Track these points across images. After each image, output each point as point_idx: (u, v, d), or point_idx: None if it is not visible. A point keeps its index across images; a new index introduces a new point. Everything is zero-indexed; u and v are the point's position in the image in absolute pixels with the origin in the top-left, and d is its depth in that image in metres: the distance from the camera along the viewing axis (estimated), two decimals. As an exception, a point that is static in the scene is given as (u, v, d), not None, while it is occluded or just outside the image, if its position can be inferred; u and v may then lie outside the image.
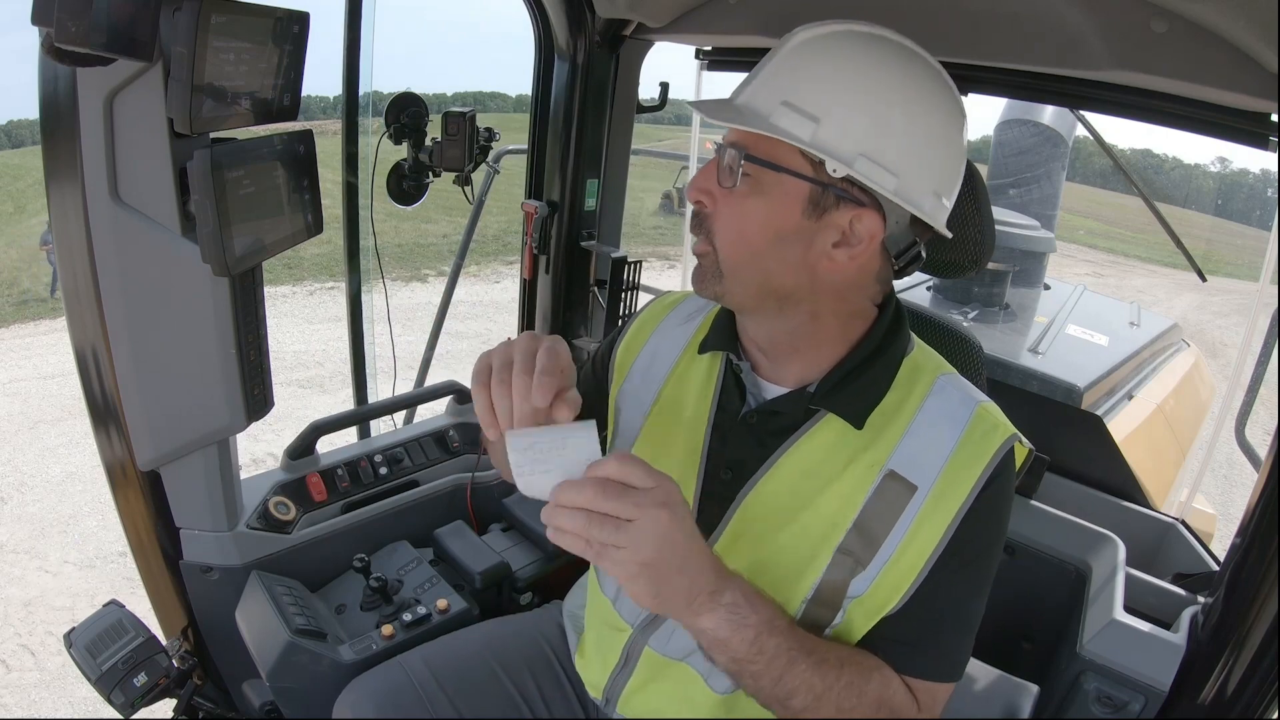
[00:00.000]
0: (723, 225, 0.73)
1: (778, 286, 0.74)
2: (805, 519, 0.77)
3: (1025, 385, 2.22)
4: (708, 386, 0.86)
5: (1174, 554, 1.49)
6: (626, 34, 1.65)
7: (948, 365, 0.83)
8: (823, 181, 0.70)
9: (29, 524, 3.43)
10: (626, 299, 1.85)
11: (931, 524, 0.73)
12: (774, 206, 0.71)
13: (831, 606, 0.76)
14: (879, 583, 0.75)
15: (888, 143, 0.69)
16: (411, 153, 1.60)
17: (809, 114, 0.69)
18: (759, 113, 0.71)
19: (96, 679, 1.10)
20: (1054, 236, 3.29)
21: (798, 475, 0.78)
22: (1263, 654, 0.93)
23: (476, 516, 1.53)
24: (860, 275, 0.75)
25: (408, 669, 1.01)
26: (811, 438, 0.78)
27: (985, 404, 0.78)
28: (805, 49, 0.71)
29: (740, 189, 0.72)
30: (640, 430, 0.90)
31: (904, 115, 0.70)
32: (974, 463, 0.74)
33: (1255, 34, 0.88)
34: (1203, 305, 10.17)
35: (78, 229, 0.97)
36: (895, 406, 0.77)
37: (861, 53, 0.70)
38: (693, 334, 0.91)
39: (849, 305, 0.78)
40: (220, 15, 0.82)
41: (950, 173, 0.74)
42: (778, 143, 0.69)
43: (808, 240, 0.71)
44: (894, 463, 0.75)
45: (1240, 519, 1.02)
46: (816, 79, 0.70)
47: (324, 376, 5.32)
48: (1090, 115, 1.83)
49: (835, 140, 0.68)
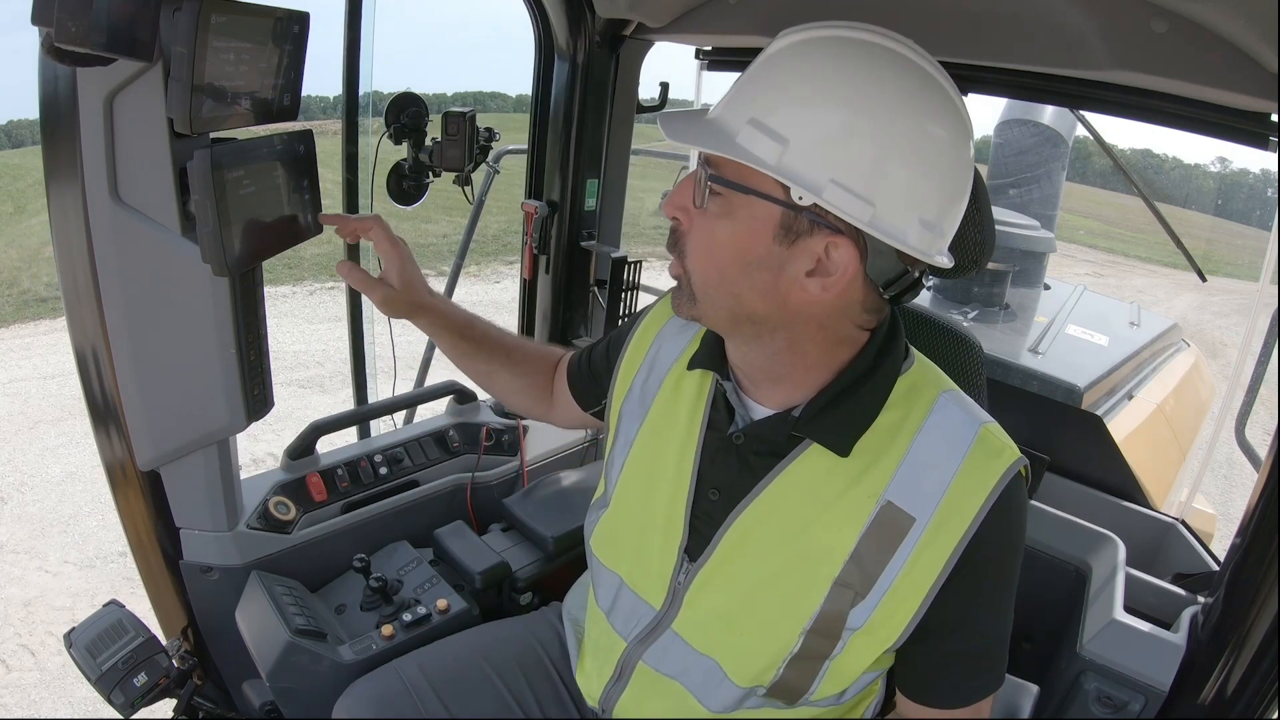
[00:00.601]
0: (693, 246, 0.71)
1: (749, 313, 0.70)
2: (798, 547, 0.75)
3: (1025, 385, 2.22)
4: (698, 403, 0.84)
5: (1174, 554, 1.49)
6: (626, 34, 1.65)
7: (949, 381, 0.79)
8: (794, 206, 0.64)
9: (29, 524, 3.43)
10: (626, 299, 1.85)
11: (930, 555, 0.71)
12: (742, 230, 0.67)
13: (831, 637, 0.75)
14: (878, 614, 0.73)
15: (862, 168, 0.62)
16: (411, 153, 1.60)
17: (777, 134, 0.63)
18: (726, 131, 0.66)
19: (96, 679, 1.10)
20: (1054, 236, 3.29)
21: (788, 502, 0.76)
22: (1263, 654, 0.93)
23: (476, 516, 1.53)
24: (841, 304, 0.70)
25: (402, 674, 1.01)
26: (802, 463, 0.75)
27: (989, 425, 0.74)
28: (781, 58, 0.66)
29: (711, 209, 0.68)
30: (634, 441, 0.89)
31: (886, 136, 0.62)
32: (976, 491, 0.70)
33: (1255, 34, 0.88)
34: (1203, 305, 10.17)
35: (78, 229, 0.97)
36: (893, 427, 0.73)
37: (843, 64, 0.63)
38: (687, 344, 0.89)
39: (831, 334, 0.73)
40: (220, 15, 0.82)
41: (947, 197, 0.67)
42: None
43: (777, 267, 0.67)
44: (891, 493, 0.72)
45: (1240, 519, 1.02)
46: (788, 95, 0.64)
47: (324, 376, 5.31)
48: (1090, 115, 1.83)
49: (803, 164, 0.63)
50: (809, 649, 0.75)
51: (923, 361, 0.80)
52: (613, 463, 0.93)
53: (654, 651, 0.85)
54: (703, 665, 0.81)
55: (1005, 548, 0.74)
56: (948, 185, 0.67)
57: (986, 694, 0.79)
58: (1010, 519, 0.72)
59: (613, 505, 0.91)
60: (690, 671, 0.83)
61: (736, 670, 0.79)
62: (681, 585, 0.82)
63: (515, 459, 1.61)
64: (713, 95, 3.46)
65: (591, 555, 0.94)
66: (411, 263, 1.02)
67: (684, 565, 0.82)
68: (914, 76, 0.64)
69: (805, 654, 0.75)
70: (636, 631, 0.86)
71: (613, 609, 0.89)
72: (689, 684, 0.83)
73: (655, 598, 0.84)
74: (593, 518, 0.95)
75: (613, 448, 0.94)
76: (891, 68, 0.64)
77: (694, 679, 0.82)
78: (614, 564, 0.89)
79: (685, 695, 0.84)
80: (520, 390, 1.11)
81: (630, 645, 0.87)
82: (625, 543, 0.89)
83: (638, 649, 0.86)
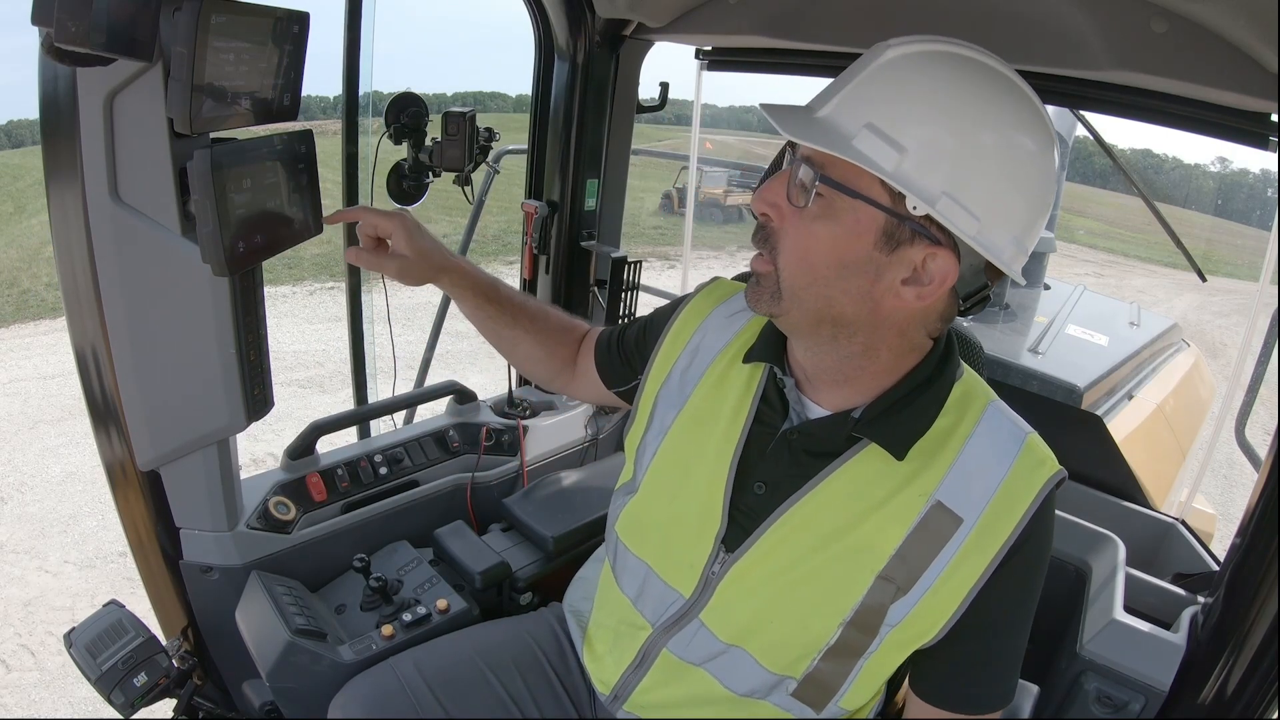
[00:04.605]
0: (789, 245, 0.70)
1: (837, 315, 0.70)
2: (847, 542, 0.75)
3: (1025, 385, 2.23)
4: (746, 395, 0.84)
5: (1174, 554, 1.49)
6: (626, 34, 1.65)
7: (993, 392, 0.81)
8: (900, 214, 0.65)
9: (29, 524, 3.43)
10: (626, 299, 1.85)
11: (975, 557, 0.72)
12: (844, 233, 0.67)
13: (869, 631, 0.76)
14: (918, 611, 0.74)
15: (974, 183, 0.64)
16: (411, 153, 1.60)
17: (895, 142, 0.64)
18: (841, 132, 0.66)
19: (96, 679, 1.10)
20: (1054, 236, 3.29)
21: (841, 499, 0.76)
22: (1263, 654, 0.93)
23: (476, 516, 1.53)
24: (925, 314, 0.71)
25: (399, 672, 1.01)
26: (857, 463, 0.76)
27: (1033, 435, 0.77)
28: (896, 68, 0.66)
29: (811, 209, 0.68)
30: (670, 428, 0.88)
31: (995, 155, 0.65)
32: (1022, 497, 0.73)
33: (1255, 34, 0.88)
34: (1203, 305, 10.17)
35: (78, 229, 0.97)
36: (945, 433, 0.75)
37: (956, 79, 0.65)
38: (735, 334, 0.89)
39: (907, 341, 0.74)
40: (220, 15, 0.82)
41: (1035, 215, 0.69)
42: (857, 166, 0.65)
43: (875, 273, 0.68)
44: (941, 493, 0.73)
45: (1240, 519, 1.02)
46: (907, 104, 0.65)
47: (324, 376, 5.31)
48: (1090, 115, 1.83)
49: (919, 174, 0.64)
50: (846, 643, 0.76)
51: (970, 371, 0.81)
52: (645, 449, 0.92)
53: (679, 639, 0.85)
54: (729, 655, 0.82)
55: (1041, 554, 0.76)
56: (1038, 203, 0.69)
57: (999, 705, 0.79)
58: (1047, 526, 0.75)
59: (642, 491, 0.90)
60: (715, 660, 0.83)
61: (768, 658, 0.80)
62: (715, 576, 0.82)
63: (515, 459, 1.61)
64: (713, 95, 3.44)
65: (618, 541, 0.93)
66: (419, 229, 1.01)
67: (719, 556, 0.82)
68: (1019, 94, 0.66)
69: (842, 648, 0.76)
70: (664, 619, 0.86)
71: (640, 595, 0.89)
72: (714, 670, 0.83)
73: (685, 586, 0.84)
74: (619, 503, 0.94)
75: (645, 434, 0.92)
76: (1001, 85, 0.66)
77: (719, 666, 0.83)
78: (641, 550, 0.89)
79: (710, 681, 0.84)
80: (543, 359, 1.09)
81: (655, 632, 0.87)
82: (654, 530, 0.88)
83: (663, 636, 0.86)
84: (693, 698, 0.86)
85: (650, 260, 2.08)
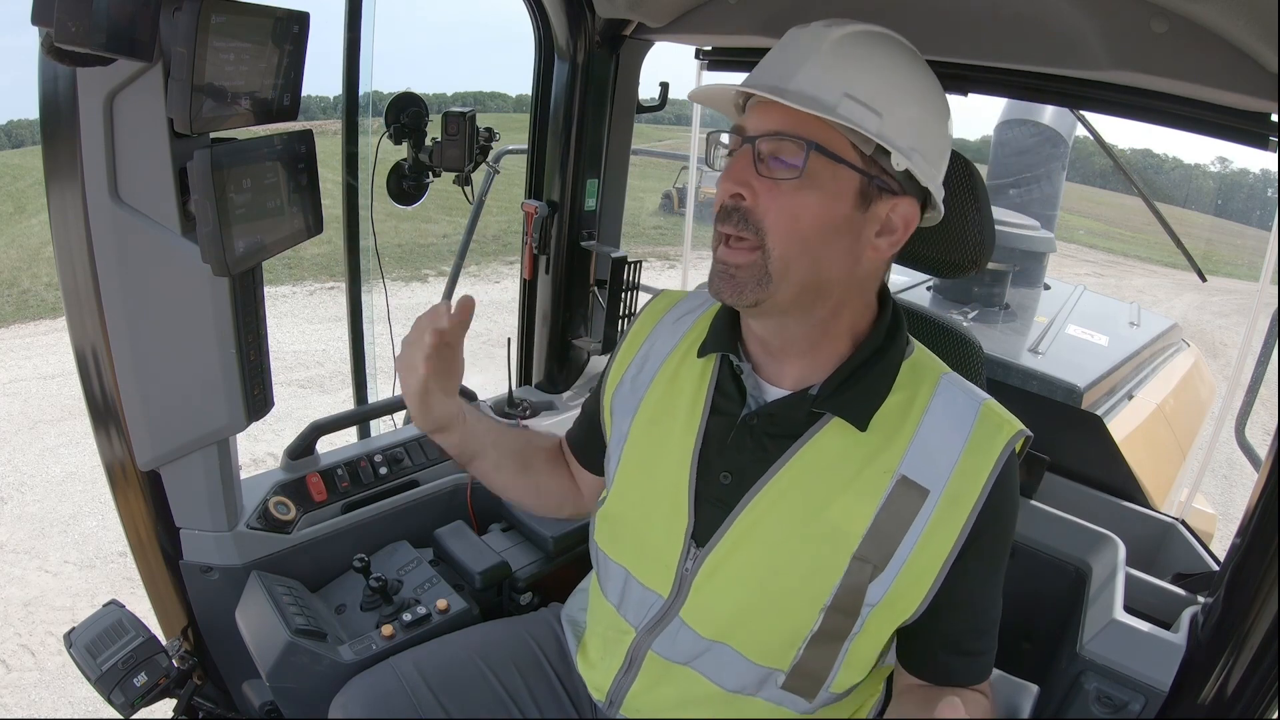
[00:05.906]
0: (775, 219, 0.71)
1: (823, 279, 0.74)
2: (818, 525, 0.76)
3: (1025, 385, 2.22)
4: (701, 388, 0.85)
5: (1174, 554, 1.49)
6: (626, 34, 1.65)
7: (945, 365, 0.84)
8: (872, 174, 0.71)
9: (29, 524, 3.43)
10: (626, 299, 1.84)
11: (947, 527, 0.74)
12: (829, 198, 0.71)
13: (851, 614, 0.77)
14: (896, 587, 0.75)
15: (929, 139, 0.73)
16: (411, 153, 1.60)
17: (872, 108, 0.69)
18: (824, 102, 0.69)
19: (96, 679, 1.10)
20: (1054, 236, 3.29)
21: (807, 480, 0.77)
22: (1263, 654, 0.93)
23: (476, 516, 1.53)
24: (882, 266, 0.79)
25: (398, 671, 1.01)
26: (818, 442, 0.78)
27: (988, 401, 0.79)
28: (848, 45, 0.71)
29: (790, 182, 0.70)
30: (629, 433, 0.90)
31: (934, 113, 0.74)
32: (983, 463, 0.75)
33: (1255, 34, 0.88)
34: (1203, 305, 10.17)
35: (78, 229, 0.97)
36: (902, 408, 0.77)
37: (897, 53, 0.73)
38: (683, 335, 0.90)
39: (864, 298, 0.80)
40: (220, 15, 0.82)
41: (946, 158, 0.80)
42: (834, 134, 0.70)
43: (856, 231, 0.73)
44: (905, 467, 0.75)
45: (1240, 519, 1.02)
46: (873, 74, 0.71)
47: (324, 376, 5.31)
48: (1090, 115, 1.83)
49: (896, 135, 0.70)
50: (829, 628, 0.77)
51: (920, 348, 0.84)
52: (609, 459, 0.93)
53: (663, 640, 0.85)
54: (714, 651, 0.82)
55: (1009, 514, 0.79)
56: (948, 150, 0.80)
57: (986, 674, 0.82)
58: (1011, 487, 0.78)
59: (611, 497, 0.91)
60: (701, 658, 0.83)
61: (753, 650, 0.80)
62: (689, 573, 0.82)
63: (515, 459, 1.61)
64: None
65: (596, 549, 0.94)
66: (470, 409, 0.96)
67: (691, 552, 0.82)
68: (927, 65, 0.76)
69: (825, 634, 0.77)
70: (646, 621, 0.87)
71: (622, 601, 0.90)
72: (701, 668, 0.84)
73: (662, 586, 0.84)
74: (596, 512, 0.95)
75: (609, 445, 0.94)
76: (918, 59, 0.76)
77: (705, 663, 0.83)
78: (618, 555, 0.90)
79: (698, 679, 0.84)
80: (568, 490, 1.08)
81: (639, 634, 0.87)
82: (627, 533, 0.89)
83: (647, 638, 0.87)
84: (685, 698, 0.86)
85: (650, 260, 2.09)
